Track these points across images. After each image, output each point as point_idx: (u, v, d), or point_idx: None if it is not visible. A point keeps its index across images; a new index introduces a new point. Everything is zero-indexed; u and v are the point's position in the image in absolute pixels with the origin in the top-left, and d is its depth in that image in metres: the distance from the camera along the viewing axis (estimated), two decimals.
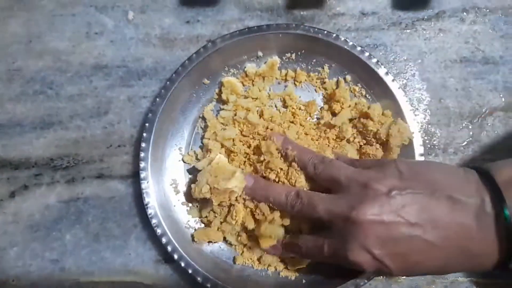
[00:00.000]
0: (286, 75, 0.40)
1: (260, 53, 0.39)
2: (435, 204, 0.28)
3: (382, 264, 0.28)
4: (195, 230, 0.38)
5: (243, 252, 0.37)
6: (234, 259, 0.37)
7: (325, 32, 0.37)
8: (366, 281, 0.34)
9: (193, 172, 0.38)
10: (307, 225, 0.35)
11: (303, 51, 0.39)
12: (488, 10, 0.41)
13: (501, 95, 0.40)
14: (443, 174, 0.29)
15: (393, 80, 0.37)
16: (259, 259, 0.37)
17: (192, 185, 0.35)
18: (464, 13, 0.41)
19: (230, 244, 0.38)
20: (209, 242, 0.37)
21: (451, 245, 0.27)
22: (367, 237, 0.27)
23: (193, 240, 0.37)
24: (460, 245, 0.27)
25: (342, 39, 0.37)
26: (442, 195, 0.28)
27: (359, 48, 0.37)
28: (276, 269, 0.37)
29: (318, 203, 0.30)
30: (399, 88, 0.37)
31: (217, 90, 0.40)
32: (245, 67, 0.40)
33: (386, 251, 0.27)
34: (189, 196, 0.38)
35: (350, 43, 0.37)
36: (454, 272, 0.32)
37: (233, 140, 0.37)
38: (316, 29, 0.37)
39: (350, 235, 0.28)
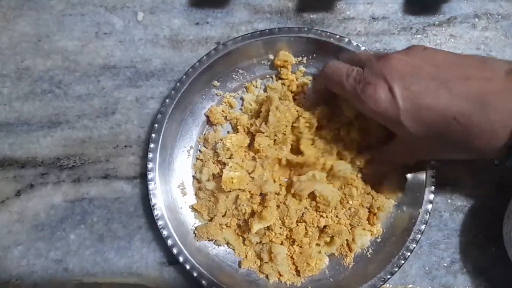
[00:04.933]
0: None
1: (271, 56, 0.39)
2: (464, 57, 0.29)
3: (393, 100, 0.28)
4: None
5: (246, 256, 0.37)
6: (239, 263, 0.37)
7: (337, 36, 0.37)
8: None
9: None
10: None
11: (314, 55, 0.39)
12: (500, 17, 0.41)
13: None
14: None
15: None
16: (259, 268, 0.36)
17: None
18: (476, 19, 0.41)
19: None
20: (210, 240, 0.37)
21: (469, 97, 0.27)
22: (392, 70, 0.29)
23: (195, 236, 0.37)
24: (479, 99, 0.27)
25: (355, 43, 0.37)
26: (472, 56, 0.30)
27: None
28: (279, 279, 0.36)
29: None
30: None
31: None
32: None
33: (402, 86, 0.28)
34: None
35: (362, 48, 0.37)
36: (456, 148, 0.29)
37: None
38: (328, 33, 0.37)
39: (377, 69, 0.29)
